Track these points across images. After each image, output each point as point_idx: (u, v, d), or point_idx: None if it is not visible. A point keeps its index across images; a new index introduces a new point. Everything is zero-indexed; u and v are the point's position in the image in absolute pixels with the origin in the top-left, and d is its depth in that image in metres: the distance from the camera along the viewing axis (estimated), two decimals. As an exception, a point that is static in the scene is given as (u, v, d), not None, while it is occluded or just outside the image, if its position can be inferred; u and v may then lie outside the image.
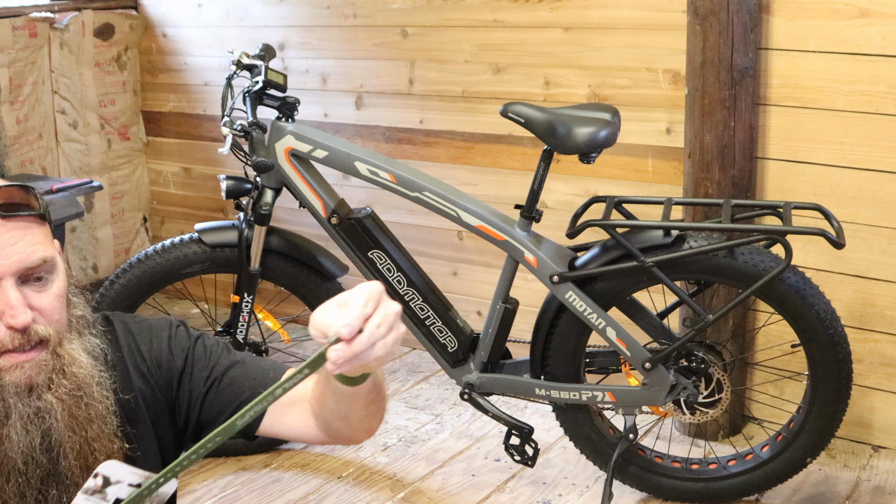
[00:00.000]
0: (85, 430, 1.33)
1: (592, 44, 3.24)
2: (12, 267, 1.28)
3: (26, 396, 1.29)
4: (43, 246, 1.32)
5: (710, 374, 2.59)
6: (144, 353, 1.48)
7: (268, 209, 2.78)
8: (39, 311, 1.31)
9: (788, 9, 2.84)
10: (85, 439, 1.32)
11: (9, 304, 1.27)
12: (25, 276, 1.30)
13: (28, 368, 1.29)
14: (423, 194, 2.67)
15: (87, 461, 1.32)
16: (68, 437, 1.31)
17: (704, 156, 2.91)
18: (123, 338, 1.48)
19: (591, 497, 2.80)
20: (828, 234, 2.38)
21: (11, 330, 1.28)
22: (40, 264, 1.30)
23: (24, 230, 1.30)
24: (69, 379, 1.32)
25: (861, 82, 2.79)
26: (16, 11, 3.86)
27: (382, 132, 3.74)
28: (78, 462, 1.32)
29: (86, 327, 1.40)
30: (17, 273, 1.28)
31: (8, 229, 1.29)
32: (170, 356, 1.48)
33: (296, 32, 3.86)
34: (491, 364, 2.73)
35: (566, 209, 3.14)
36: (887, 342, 2.91)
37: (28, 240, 1.30)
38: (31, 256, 1.29)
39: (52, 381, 1.31)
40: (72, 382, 1.32)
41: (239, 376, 1.48)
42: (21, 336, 1.28)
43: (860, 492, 2.79)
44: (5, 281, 1.27)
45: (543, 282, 2.60)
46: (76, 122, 4.15)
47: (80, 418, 1.32)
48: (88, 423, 1.33)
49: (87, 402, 1.33)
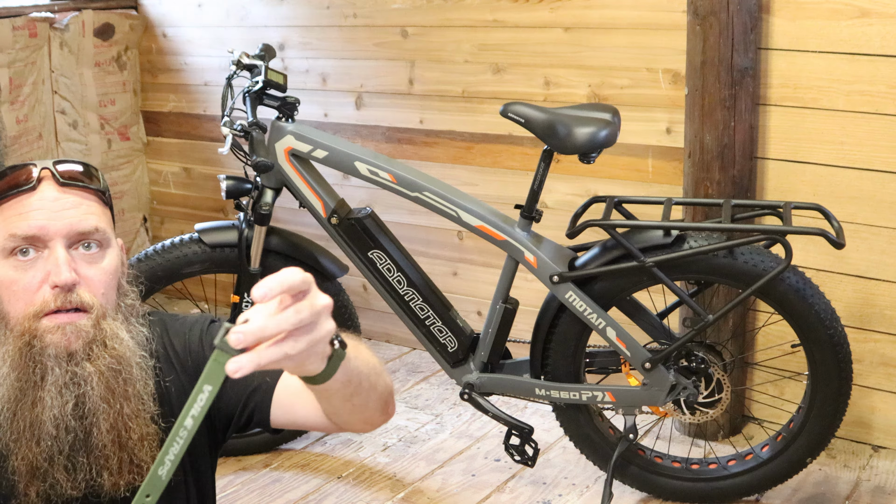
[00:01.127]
0: (120, 405, 1.33)
1: (592, 44, 3.24)
2: (63, 230, 1.32)
3: (65, 362, 1.31)
4: (97, 217, 1.37)
5: (710, 374, 2.59)
6: (178, 347, 1.50)
7: (268, 209, 2.78)
8: (85, 281, 1.34)
9: (788, 9, 2.84)
10: (120, 414, 1.33)
11: (55, 262, 1.31)
12: (75, 241, 1.34)
13: (69, 332, 1.31)
14: (423, 194, 2.67)
15: (119, 436, 1.33)
16: (103, 408, 1.32)
17: (704, 156, 2.91)
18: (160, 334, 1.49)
19: (591, 497, 2.80)
20: (828, 234, 2.38)
21: (55, 290, 1.31)
22: (91, 231, 1.35)
23: (80, 199, 1.36)
24: (109, 352, 1.34)
25: (861, 82, 2.79)
26: (16, 11, 3.86)
27: (382, 132, 3.74)
28: (111, 435, 1.33)
29: (133, 315, 1.42)
30: (68, 236, 1.33)
31: (65, 196, 1.35)
32: (200, 349, 1.49)
33: (296, 32, 3.85)
34: (491, 364, 2.74)
35: (566, 209, 3.14)
36: (887, 342, 2.91)
37: (83, 208, 1.35)
38: (83, 222, 1.34)
39: (91, 351, 1.33)
40: (111, 356, 1.34)
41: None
42: (63, 296, 1.31)
43: (860, 492, 2.79)
44: (55, 241, 1.32)
45: (543, 282, 2.60)
46: (76, 122, 4.15)
47: (117, 392, 1.33)
48: (125, 400, 1.34)
49: (125, 377, 1.34)
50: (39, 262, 1.33)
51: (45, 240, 1.33)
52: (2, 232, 1.34)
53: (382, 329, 3.89)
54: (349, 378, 1.23)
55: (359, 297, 3.81)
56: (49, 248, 1.32)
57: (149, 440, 1.36)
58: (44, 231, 1.32)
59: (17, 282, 1.32)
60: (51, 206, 1.34)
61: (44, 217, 1.33)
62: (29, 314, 1.32)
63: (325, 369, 1.14)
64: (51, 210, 1.34)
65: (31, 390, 1.32)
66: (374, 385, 1.34)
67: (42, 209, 1.34)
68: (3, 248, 1.33)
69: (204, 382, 1.04)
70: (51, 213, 1.33)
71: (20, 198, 1.35)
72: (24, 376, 1.32)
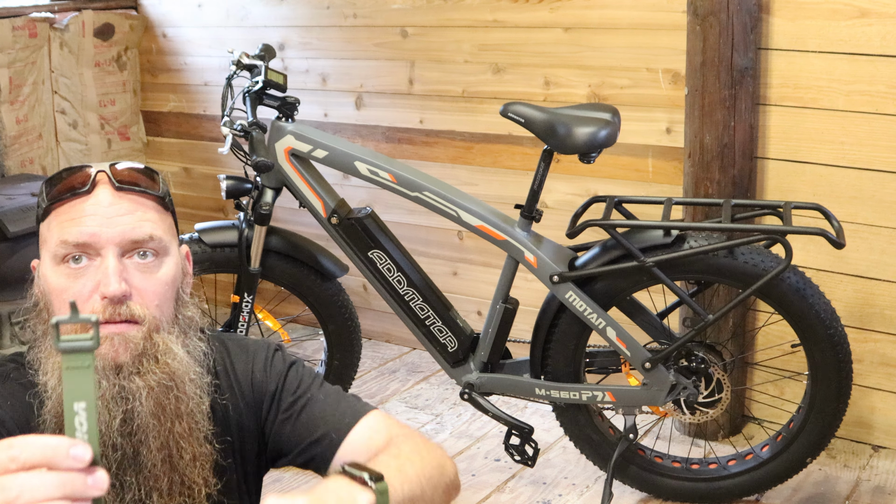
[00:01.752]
0: (171, 424, 1.26)
1: (592, 44, 3.24)
2: (115, 237, 1.25)
3: (112, 375, 1.25)
4: (154, 224, 1.29)
5: (710, 374, 2.59)
6: (239, 371, 1.43)
7: (268, 209, 2.78)
8: (138, 292, 1.27)
9: (788, 9, 2.84)
10: (171, 433, 1.26)
11: (105, 272, 1.24)
12: (129, 249, 1.27)
13: (117, 343, 1.25)
14: (423, 194, 2.67)
15: (170, 456, 1.27)
16: (152, 425, 1.25)
17: (704, 156, 2.91)
18: (219, 354, 1.42)
19: (591, 497, 2.80)
20: (828, 234, 2.38)
21: (104, 301, 1.24)
22: (146, 240, 1.27)
23: (136, 205, 1.29)
24: (161, 367, 1.27)
25: (861, 82, 2.79)
26: (16, 11, 3.86)
27: (382, 132, 3.74)
28: (161, 454, 1.26)
29: (192, 329, 1.35)
30: (121, 244, 1.26)
31: (121, 201, 1.28)
32: (264, 377, 1.43)
33: (296, 32, 3.86)
34: (491, 364, 2.74)
35: (566, 209, 3.14)
36: (887, 342, 2.91)
37: (138, 215, 1.28)
38: (138, 230, 1.27)
39: (141, 365, 1.26)
40: (163, 372, 1.27)
41: (317, 414, 1.40)
42: (112, 308, 1.24)
43: (860, 492, 2.79)
44: (106, 249, 1.25)
45: (543, 282, 2.60)
46: (76, 122, 4.15)
47: (168, 410, 1.26)
48: (177, 418, 1.27)
49: (177, 395, 1.27)
50: (91, 270, 1.26)
51: (97, 247, 1.26)
52: (55, 237, 1.28)
53: (382, 329, 3.89)
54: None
55: (359, 297, 3.81)
56: (101, 255, 1.26)
57: (201, 461, 1.29)
58: (95, 238, 1.25)
59: (67, 290, 1.26)
60: (104, 211, 1.27)
61: (96, 223, 1.26)
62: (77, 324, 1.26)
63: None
64: (104, 216, 1.27)
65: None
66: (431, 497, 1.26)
67: (95, 215, 1.27)
68: (54, 254, 1.28)
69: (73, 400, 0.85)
70: (104, 219, 1.26)
71: (74, 202, 1.28)
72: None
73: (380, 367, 3.71)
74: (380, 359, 3.78)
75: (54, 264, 1.27)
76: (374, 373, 3.66)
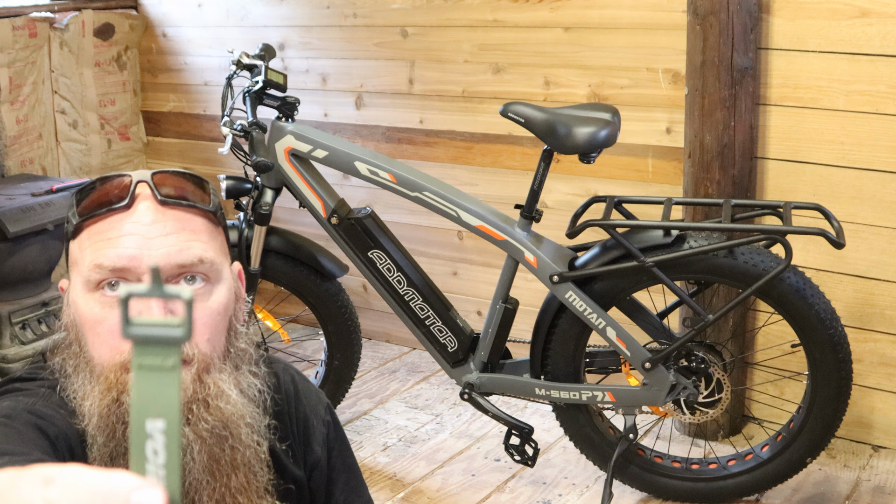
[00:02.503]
0: (227, 478, 1.10)
1: (592, 44, 3.24)
2: (158, 260, 1.07)
3: None
4: (203, 246, 1.11)
5: (710, 374, 2.59)
6: (301, 413, 1.29)
7: (268, 209, 2.78)
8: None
9: (788, 9, 2.84)
10: (227, 488, 1.10)
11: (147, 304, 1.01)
12: (175, 274, 1.10)
13: None
14: (423, 194, 2.67)
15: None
16: (206, 482, 1.09)
17: (704, 156, 2.91)
18: (286, 390, 1.27)
19: (591, 497, 2.80)
20: (828, 234, 2.38)
21: None
22: (194, 263, 1.09)
23: (183, 223, 1.11)
24: (213, 413, 1.09)
25: (861, 82, 2.79)
26: (16, 11, 3.86)
27: (382, 132, 3.74)
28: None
29: (246, 363, 1.17)
30: (165, 269, 1.08)
31: (165, 218, 1.10)
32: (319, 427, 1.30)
33: (296, 32, 3.85)
34: (491, 364, 2.74)
35: (566, 209, 3.14)
36: (887, 342, 2.91)
37: (185, 235, 1.10)
38: (185, 252, 1.09)
39: (191, 413, 1.08)
40: (216, 418, 1.09)
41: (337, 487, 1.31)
42: None
43: (860, 492, 2.79)
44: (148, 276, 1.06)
45: (543, 282, 2.60)
46: (76, 121, 4.14)
47: (223, 462, 1.10)
48: (233, 470, 1.11)
49: (232, 444, 1.11)
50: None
51: (137, 273, 1.08)
52: (87, 260, 1.10)
53: (382, 329, 3.89)
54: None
55: (359, 297, 3.81)
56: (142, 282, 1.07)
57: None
58: (135, 263, 1.07)
59: (102, 322, 1.08)
60: (146, 230, 1.08)
61: (136, 245, 1.08)
62: (116, 364, 1.07)
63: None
64: (145, 236, 1.08)
65: (121, 458, 1.07)
66: None
67: (135, 234, 1.08)
68: (87, 279, 1.09)
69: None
70: (145, 239, 1.08)
71: (110, 218, 1.10)
72: (113, 441, 1.07)
73: (380, 367, 3.71)
74: (380, 359, 3.78)
75: (87, 291, 1.10)
76: (374, 373, 3.66)
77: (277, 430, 1.21)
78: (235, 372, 1.15)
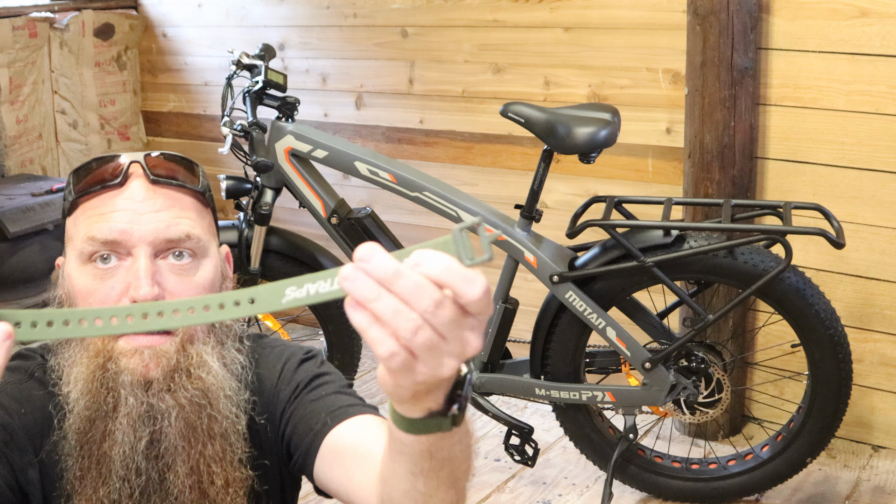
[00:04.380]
0: (203, 446, 1.14)
1: (592, 44, 3.24)
2: (147, 235, 1.13)
3: (141, 392, 1.12)
4: (191, 223, 1.17)
5: (710, 374, 2.59)
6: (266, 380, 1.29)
7: (268, 209, 2.78)
8: (171, 296, 1.13)
9: (788, 9, 2.84)
10: (201, 456, 1.14)
11: (136, 274, 1.11)
12: (163, 248, 1.15)
13: (147, 357, 1.12)
14: (423, 194, 2.67)
15: (200, 482, 1.14)
16: (182, 447, 1.13)
17: (704, 156, 2.91)
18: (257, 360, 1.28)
19: (591, 497, 2.80)
20: (828, 234, 2.38)
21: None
22: (182, 239, 1.15)
23: (173, 201, 1.17)
24: (193, 383, 1.14)
25: (861, 82, 2.79)
26: (16, 11, 3.86)
27: (382, 132, 3.74)
28: (189, 480, 1.14)
29: (230, 338, 1.22)
30: (154, 243, 1.14)
31: (156, 196, 1.16)
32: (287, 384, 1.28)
33: (296, 32, 3.85)
34: (491, 364, 2.73)
35: (566, 209, 3.14)
36: (887, 342, 2.91)
37: (174, 212, 1.16)
38: (173, 228, 1.15)
39: (173, 381, 1.13)
40: (196, 388, 1.14)
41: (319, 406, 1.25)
42: None
43: (860, 492, 2.79)
44: (138, 248, 1.13)
45: (543, 282, 2.60)
46: (76, 122, 4.15)
47: (199, 430, 1.14)
48: (209, 439, 1.15)
49: (210, 413, 1.15)
50: (121, 271, 1.14)
51: (128, 246, 1.13)
52: (81, 233, 1.15)
53: (382, 329, 3.88)
54: (433, 454, 0.91)
55: (359, 297, 3.80)
56: (133, 255, 1.13)
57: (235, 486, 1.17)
58: (126, 236, 1.13)
59: (94, 292, 1.14)
60: (137, 206, 1.15)
61: (127, 220, 1.14)
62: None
63: (420, 417, 0.85)
64: (136, 212, 1.14)
65: (100, 421, 1.13)
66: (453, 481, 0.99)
67: (126, 210, 1.14)
68: (81, 251, 1.15)
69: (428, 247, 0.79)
70: (136, 215, 1.14)
71: (104, 195, 1.16)
72: (95, 404, 1.13)
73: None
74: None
75: (80, 263, 1.15)
76: (374, 373, 3.65)
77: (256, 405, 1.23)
78: (219, 347, 1.19)
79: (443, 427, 0.86)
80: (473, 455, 1.03)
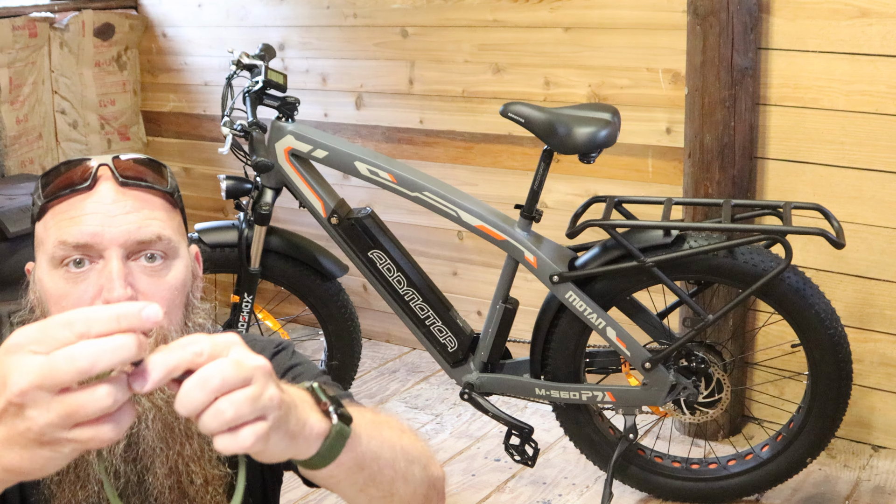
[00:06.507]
0: (181, 446, 1.15)
1: (592, 44, 3.24)
2: (119, 238, 1.13)
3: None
4: (161, 224, 1.17)
5: (710, 374, 2.59)
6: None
7: (268, 209, 2.78)
8: (144, 298, 1.13)
9: (788, 9, 2.84)
10: (179, 456, 1.15)
11: (108, 276, 1.11)
12: (135, 250, 1.15)
13: None
14: (423, 194, 2.67)
15: (179, 481, 1.15)
16: (160, 449, 1.14)
17: (704, 156, 2.91)
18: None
19: (591, 497, 2.80)
20: (828, 234, 2.38)
21: None
22: (153, 240, 1.15)
23: (142, 202, 1.17)
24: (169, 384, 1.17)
25: (861, 82, 2.79)
26: (16, 11, 3.86)
27: (382, 132, 3.74)
28: (168, 481, 1.15)
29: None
30: (125, 245, 1.14)
31: (125, 198, 1.16)
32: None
33: (296, 32, 3.86)
34: (491, 364, 2.74)
35: (566, 209, 3.14)
36: (887, 342, 2.91)
37: (144, 213, 1.16)
38: (143, 229, 1.15)
39: None
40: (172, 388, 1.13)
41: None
42: None
43: (860, 492, 2.79)
44: (110, 251, 1.13)
45: (543, 282, 2.60)
46: (76, 122, 4.15)
47: (177, 431, 1.15)
48: (187, 439, 1.15)
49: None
50: (93, 274, 1.13)
51: (100, 249, 1.13)
52: (52, 238, 1.16)
53: (382, 329, 3.89)
54: (360, 463, 0.98)
55: (359, 297, 3.81)
56: (104, 258, 1.13)
57: (214, 484, 1.17)
58: (97, 239, 1.13)
59: (66, 296, 1.14)
60: (107, 209, 1.15)
61: (98, 223, 1.14)
62: None
63: (320, 450, 0.93)
64: (106, 214, 1.14)
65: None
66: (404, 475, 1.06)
67: (97, 213, 1.14)
68: (52, 256, 1.15)
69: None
70: (106, 217, 1.14)
71: (74, 199, 1.16)
72: None
73: (380, 367, 3.71)
74: (380, 359, 3.78)
75: (52, 268, 1.16)
76: (374, 373, 3.66)
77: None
78: None
79: (345, 434, 0.94)
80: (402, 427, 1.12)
